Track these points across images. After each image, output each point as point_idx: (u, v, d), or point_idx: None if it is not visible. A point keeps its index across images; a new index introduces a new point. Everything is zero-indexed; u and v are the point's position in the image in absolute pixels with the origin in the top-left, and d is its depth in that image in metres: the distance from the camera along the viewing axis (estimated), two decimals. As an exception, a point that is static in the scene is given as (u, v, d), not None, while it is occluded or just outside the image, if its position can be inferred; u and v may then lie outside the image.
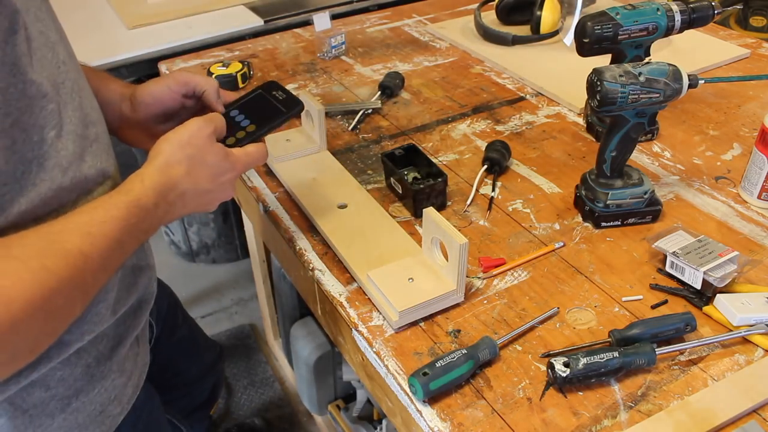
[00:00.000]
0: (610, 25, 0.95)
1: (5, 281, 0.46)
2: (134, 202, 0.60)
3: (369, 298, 0.80)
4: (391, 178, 0.95)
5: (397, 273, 0.79)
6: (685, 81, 0.82)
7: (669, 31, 0.97)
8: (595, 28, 0.95)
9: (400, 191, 0.94)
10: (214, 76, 1.02)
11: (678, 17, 0.96)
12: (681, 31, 0.97)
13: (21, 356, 0.50)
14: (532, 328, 0.75)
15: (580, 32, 0.97)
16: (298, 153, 1.02)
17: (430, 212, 0.76)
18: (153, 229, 0.64)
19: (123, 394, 0.74)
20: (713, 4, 0.97)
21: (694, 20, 0.97)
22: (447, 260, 0.76)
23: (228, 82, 1.21)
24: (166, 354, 1.00)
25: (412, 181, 0.93)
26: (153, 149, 0.67)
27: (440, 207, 0.93)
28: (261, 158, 0.75)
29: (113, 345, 0.71)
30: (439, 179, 0.91)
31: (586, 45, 0.97)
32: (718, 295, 0.76)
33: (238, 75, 1.23)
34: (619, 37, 0.96)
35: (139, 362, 0.78)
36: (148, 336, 0.85)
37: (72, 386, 0.67)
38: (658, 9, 0.96)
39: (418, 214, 0.90)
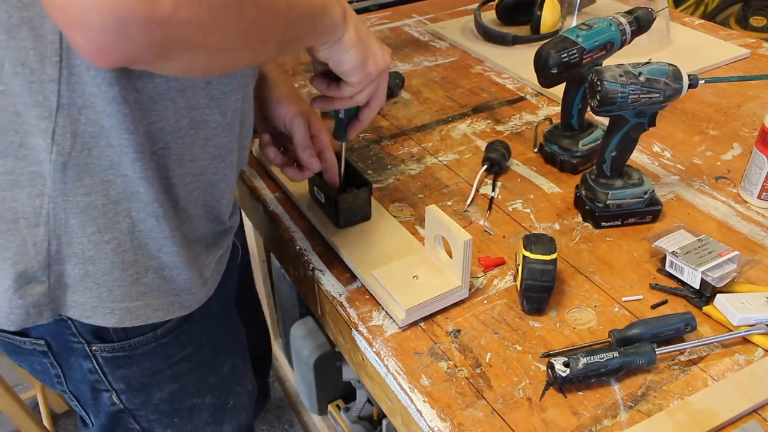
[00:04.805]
0: (575, 50, 0.89)
1: None
2: None
3: (369, 298, 0.80)
4: (315, 188, 0.91)
5: (401, 271, 0.79)
6: (685, 81, 0.82)
7: (622, 45, 0.94)
8: (562, 56, 0.89)
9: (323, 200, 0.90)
10: None
11: (628, 29, 0.93)
12: (630, 41, 0.94)
13: (227, 47, 0.52)
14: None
15: (543, 64, 0.89)
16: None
17: (432, 209, 0.76)
18: (316, 14, 0.62)
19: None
20: (650, 9, 0.94)
21: (640, 28, 0.94)
22: (450, 257, 0.77)
23: None
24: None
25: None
26: None
27: (363, 218, 0.89)
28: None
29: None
30: (363, 188, 0.86)
31: (553, 76, 0.90)
32: (718, 295, 0.76)
33: None
34: (584, 61, 0.91)
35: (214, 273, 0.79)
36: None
37: None
38: (610, 24, 0.92)
39: (339, 224, 0.87)
